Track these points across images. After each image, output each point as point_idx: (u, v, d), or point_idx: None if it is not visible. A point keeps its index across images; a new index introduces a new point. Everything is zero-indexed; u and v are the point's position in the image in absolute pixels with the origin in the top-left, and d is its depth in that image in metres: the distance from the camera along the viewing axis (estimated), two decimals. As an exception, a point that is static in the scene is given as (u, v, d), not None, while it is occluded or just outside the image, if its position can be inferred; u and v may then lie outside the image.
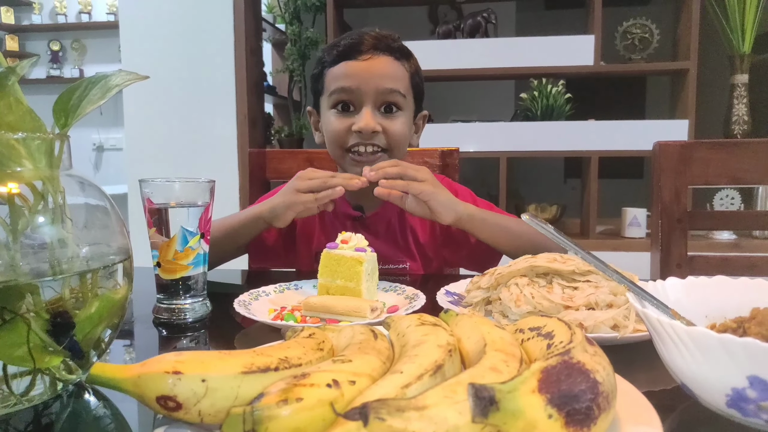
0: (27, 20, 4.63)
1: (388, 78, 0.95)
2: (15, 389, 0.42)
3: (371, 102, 0.95)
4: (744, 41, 2.24)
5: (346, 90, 0.95)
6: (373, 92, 0.94)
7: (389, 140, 0.97)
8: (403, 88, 0.97)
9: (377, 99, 0.95)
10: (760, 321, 0.45)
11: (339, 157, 1.00)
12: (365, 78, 0.94)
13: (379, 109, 0.96)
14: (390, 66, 0.96)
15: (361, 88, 0.94)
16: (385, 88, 0.94)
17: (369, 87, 0.94)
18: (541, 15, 3.50)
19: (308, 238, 1.09)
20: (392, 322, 0.46)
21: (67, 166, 0.47)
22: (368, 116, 0.94)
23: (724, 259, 1.10)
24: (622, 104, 3.33)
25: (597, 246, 2.24)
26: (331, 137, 0.99)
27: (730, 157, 1.07)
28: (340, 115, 0.97)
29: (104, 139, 4.56)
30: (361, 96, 0.95)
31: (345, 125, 0.96)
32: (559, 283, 0.63)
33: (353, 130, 0.95)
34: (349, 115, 0.96)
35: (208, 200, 0.73)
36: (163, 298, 0.72)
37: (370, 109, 0.94)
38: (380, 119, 0.95)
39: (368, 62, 0.95)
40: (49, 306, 0.43)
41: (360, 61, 0.95)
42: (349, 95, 0.95)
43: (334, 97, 0.97)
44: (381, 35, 0.97)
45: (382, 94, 0.95)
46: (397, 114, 0.97)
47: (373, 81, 0.94)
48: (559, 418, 0.29)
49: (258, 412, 0.29)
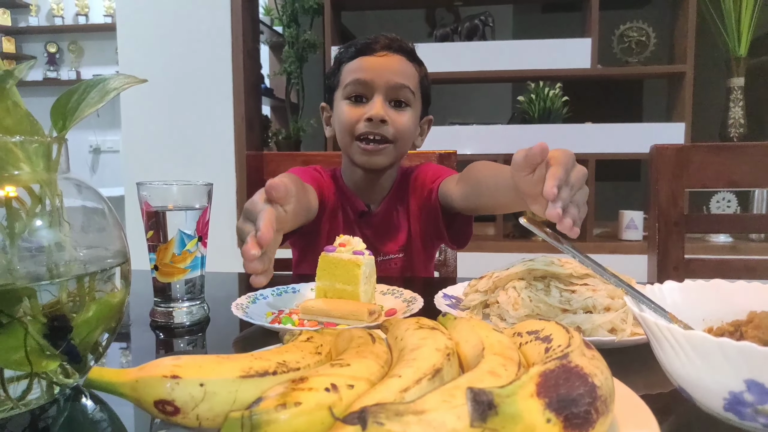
0: (24, 22, 4.61)
1: (399, 74, 1.02)
2: (12, 393, 0.42)
3: (383, 94, 1.01)
4: (740, 44, 2.25)
5: (361, 82, 1.01)
6: (385, 85, 1.01)
7: (396, 132, 1.02)
8: (413, 86, 1.03)
9: (388, 92, 1.01)
10: (757, 324, 0.45)
11: (347, 144, 1.05)
12: (379, 71, 1.01)
13: (390, 102, 1.02)
14: (402, 64, 1.03)
15: (374, 81, 1.01)
16: (396, 83, 1.01)
17: (381, 80, 1.00)
18: (538, 18, 3.51)
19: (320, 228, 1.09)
20: (390, 326, 0.46)
21: (65, 169, 0.47)
22: (379, 105, 1.00)
23: (721, 262, 1.11)
24: (618, 107, 3.33)
25: (594, 249, 2.25)
26: (342, 126, 1.04)
27: (727, 161, 1.07)
28: (352, 105, 1.03)
29: (101, 142, 4.55)
30: (373, 88, 1.01)
31: (357, 114, 1.02)
32: (557, 287, 0.63)
33: (364, 119, 1.00)
34: (361, 105, 1.02)
35: (205, 203, 0.73)
36: (161, 301, 0.72)
37: (381, 99, 1.01)
38: (389, 111, 1.01)
39: (383, 58, 1.02)
40: (47, 310, 0.43)
41: (375, 56, 1.02)
42: (363, 87, 1.02)
43: (349, 89, 1.03)
44: (395, 38, 1.05)
45: (393, 89, 1.01)
46: (406, 109, 1.03)
47: (386, 75, 1.01)
48: (558, 422, 0.29)
49: (256, 417, 0.29)
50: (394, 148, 1.03)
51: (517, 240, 2.44)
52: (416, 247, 1.12)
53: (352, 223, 1.10)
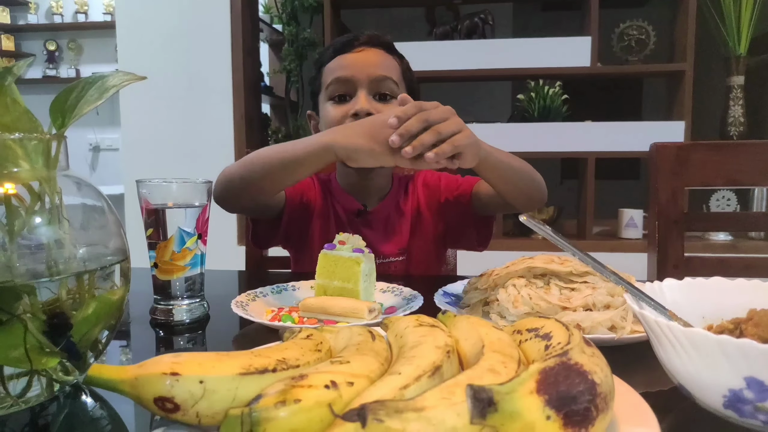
0: (23, 20, 4.61)
1: (380, 66, 1.00)
2: (11, 390, 0.42)
3: (366, 88, 0.99)
4: (740, 43, 2.25)
5: (342, 80, 1.00)
6: (367, 79, 0.99)
7: None
8: (396, 77, 1.02)
9: (371, 86, 1.00)
10: (756, 322, 0.45)
11: None
12: (359, 67, 0.99)
13: (374, 96, 1.00)
14: (381, 56, 1.02)
15: (355, 76, 0.99)
16: (378, 75, 0.99)
17: (363, 74, 0.99)
18: (538, 16, 3.50)
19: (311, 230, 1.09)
20: (390, 323, 0.46)
21: (64, 166, 0.47)
22: (363, 99, 0.98)
23: (721, 261, 1.11)
24: (618, 105, 3.33)
25: (594, 247, 2.25)
26: (328, 127, 0.99)
27: (727, 159, 1.07)
28: (336, 104, 1.01)
29: (100, 139, 4.54)
30: (355, 84, 0.99)
31: (341, 112, 0.99)
32: (557, 284, 0.63)
33: (350, 115, 0.98)
34: (345, 104, 1.00)
35: (205, 201, 0.73)
36: (160, 299, 0.72)
37: (365, 93, 0.99)
38: (375, 104, 0.99)
39: (362, 53, 1.01)
40: (46, 307, 0.43)
41: (354, 53, 1.01)
42: (344, 85, 1.00)
43: (331, 89, 1.01)
44: (372, 33, 1.04)
45: (376, 81, 0.99)
46: (392, 101, 1.00)
47: (366, 69, 0.99)
48: (558, 420, 0.29)
49: (256, 414, 0.29)
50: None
51: (517, 238, 2.44)
52: (419, 250, 1.10)
53: (345, 225, 1.08)
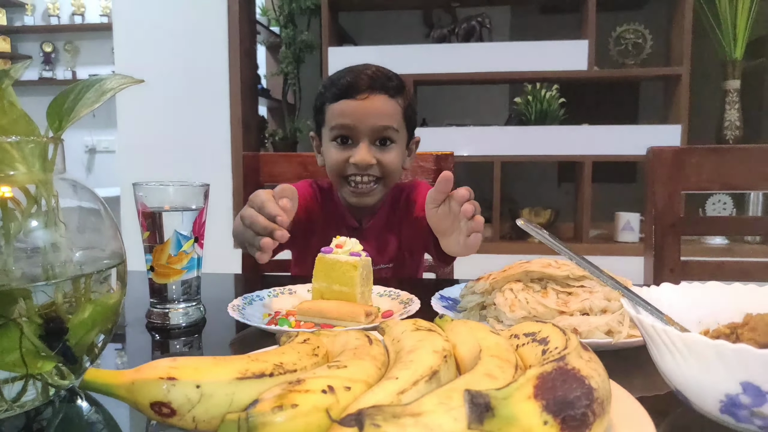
0: (19, 21, 4.60)
1: (383, 116, 1.02)
2: (7, 395, 0.42)
3: (367, 138, 1.02)
4: (736, 47, 2.26)
5: (345, 127, 1.03)
6: (369, 129, 1.02)
7: (383, 170, 1.04)
8: (397, 123, 1.04)
9: (372, 135, 1.03)
10: (752, 327, 0.45)
11: (337, 183, 1.09)
12: (361, 117, 1.01)
13: (375, 143, 1.03)
14: (384, 104, 1.03)
15: (357, 126, 1.02)
16: (380, 125, 1.02)
17: (365, 125, 1.02)
18: (535, 20, 3.51)
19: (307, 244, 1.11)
20: (387, 328, 0.46)
21: (61, 169, 0.47)
22: (364, 151, 1.01)
23: (717, 265, 1.11)
24: (615, 109, 3.33)
25: (590, 250, 2.25)
26: (331, 167, 1.07)
27: (723, 163, 1.07)
28: (339, 147, 1.04)
29: (97, 142, 4.53)
30: (358, 132, 1.02)
31: (343, 157, 1.03)
32: (554, 289, 0.63)
33: (351, 162, 1.02)
34: (347, 148, 1.04)
35: (202, 204, 0.73)
36: (157, 302, 0.72)
37: (366, 144, 1.02)
38: (375, 152, 1.03)
39: (365, 102, 1.02)
40: (42, 311, 0.42)
41: (357, 100, 1.02)
42: (347, 131, 1.03)
43: (335, 132, 1.04)
44: (377, 74, 1.04)
45: (377, 131, 1.03)
46: (391, 147, 1.05)
47: (369, 119, 1.02)
48: (555, 425, 0.29)
49: (253, 419, 0.29)
50: (383, 185, 1.06)
51: (514, 242, 2.45)
52: (405, 258, 1.15)
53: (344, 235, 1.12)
